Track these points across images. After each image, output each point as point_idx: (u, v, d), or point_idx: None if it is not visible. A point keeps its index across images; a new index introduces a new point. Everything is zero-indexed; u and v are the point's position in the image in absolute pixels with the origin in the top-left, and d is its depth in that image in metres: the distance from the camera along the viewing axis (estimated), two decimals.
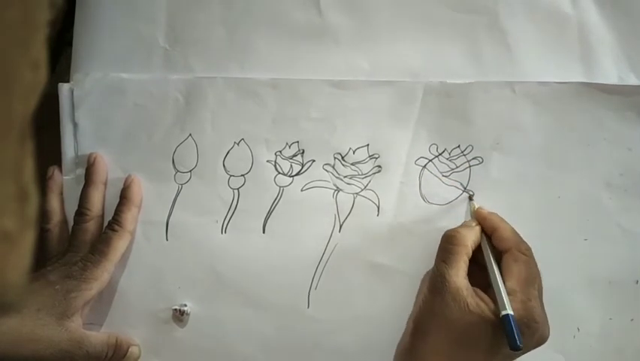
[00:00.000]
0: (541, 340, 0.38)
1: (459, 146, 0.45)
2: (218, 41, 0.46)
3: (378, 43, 0.46)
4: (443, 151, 0.45)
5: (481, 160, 0.45)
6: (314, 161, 0.45)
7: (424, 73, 0.45)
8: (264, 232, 0.44)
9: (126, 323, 0.44)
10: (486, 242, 0.41)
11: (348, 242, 0.44)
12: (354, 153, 0.45)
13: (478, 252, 0.41)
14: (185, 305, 0.43)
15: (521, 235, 0.41)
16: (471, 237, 0.40)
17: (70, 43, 0.47)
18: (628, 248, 0.44)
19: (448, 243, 0.40)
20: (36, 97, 0.21)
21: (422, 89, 0.45)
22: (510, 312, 0.36)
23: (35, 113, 0.21)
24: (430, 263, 0.43)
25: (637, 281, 0.44)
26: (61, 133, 0.45)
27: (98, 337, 0.42)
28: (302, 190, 0.45)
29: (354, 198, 0.44)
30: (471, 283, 0.39)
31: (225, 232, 0.44)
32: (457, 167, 0.45)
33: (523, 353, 0.38)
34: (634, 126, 0.45)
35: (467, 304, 0.37)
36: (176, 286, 0.44)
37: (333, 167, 0.45)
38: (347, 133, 0.45)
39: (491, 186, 0.44)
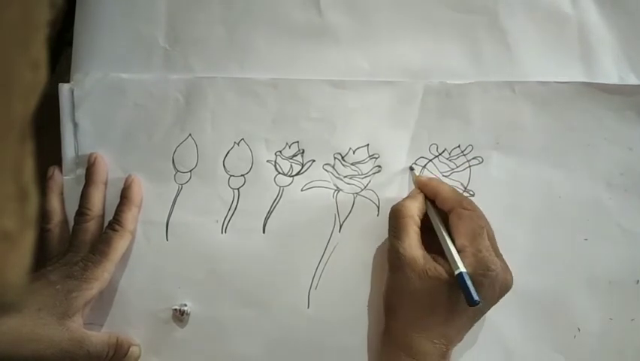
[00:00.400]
0: (504, 287, 0.39)
1: (459, 146, 0.45)
2: (218, 41, 0.46)
3: (378, 43, 0.46)
4: (443, 151, 0.45)
5: (481, 160, 0.45)
6: (314, 161, 0.45)
7: (424, 73, 0.45)
8: (264, 232, 0.44)
9: (126, 323, 0.44)
10: (431, 207, 0.41)
11: (348, 242, 0.44)
12: (354, 153, 0.45)
13: (427, 219, 0.41)
14: (185, 305, 0.43)
15: (521, 234, 0.41)
16: (416, 206, 0.41)
17: (70, 44, 0.47)
18: (628, 248, 0.44)
19: (395, 217, 0.40)
20: (36, 97, 0.21)
21: (422, 89, 0.45)
22: (462, 270, 0.37)
23: (35, 113, 0.21)
24: None
25: (637, 281, 0.44)
26: (62, 133, 0.45)
27: (98, 337, 0.42)
28: (302, 190, 0.45)
29: (354, 198, 0.44)
30: (429, 251, 0.39)
31: (225, 232, 0.44)
32: (457, 167, 0.45)
33: (491, 305, 0.39)
34: (634, 126, 0.45)
35: (425, 271, 0.38)
36: (176, 286, 0.44)
37: (333, 167, 0.45)
38: (347, 133, 0.45)
39: (491, 186, 0.44)
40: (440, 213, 0.41)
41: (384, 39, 0.46)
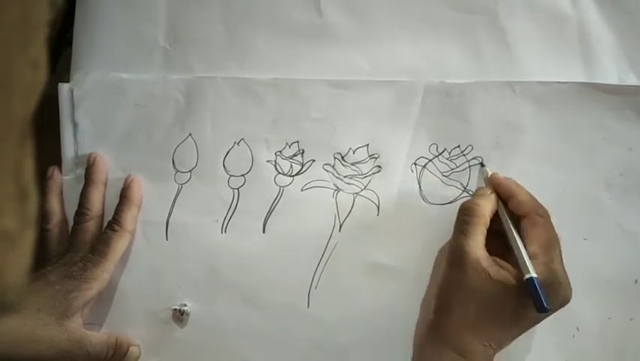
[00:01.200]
0: (564, 301, 0.38)
1: (459, 146, 0.45)
2: (218, 41, 0.46)
3: (378, 43, 0.46)
4: (443, 151, 0.45)
5: (480, 160, 0.45)
6: (314, 161, 0.45)
7: (424, 73, 0.45)
8: (264, 232, 0.44)
9: (126, 323, 0.44)
10: (503, 209, 0.40)
11: (348, 242, 0.44)
12: (354, 152, 0.45)
13: (493, 220, 0.41)
14: (185, 305, 0.43)
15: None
16: (488, 206, 0.40)
17: (70, 44, 0.47)
18: (628, 248, 0.44)
19: (466, 215, 0.40)
20: (36, 97, 0.21)
21: (422, 89, 0.45)
22: (534, 275, 0.36)
23: (35, 113, 0.21)
24: (429, 262, 0.43)
25: (636, 281, 0.44)
26: (61, 133, 0.45)
27: (98, 337, 0.42)
28: (302, 190, 0.45)
29: (354, 198, 0.44)
30: (488, 252, 0.39)
31: (225, 231, 0.44)
32: (457, 167, 0.45)
33: (549, 315, 0.39)
34: (634, 126, 0.45)
35: (488, 273, 0.37)
36: (176, 286, 0.44)
37: (333, 167, 0.45)
38: (347, 133, 0.45)
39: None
40: (511, 217, 0.40)
41: (384, 39, 0.46)
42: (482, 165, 0.44)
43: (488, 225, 0.40)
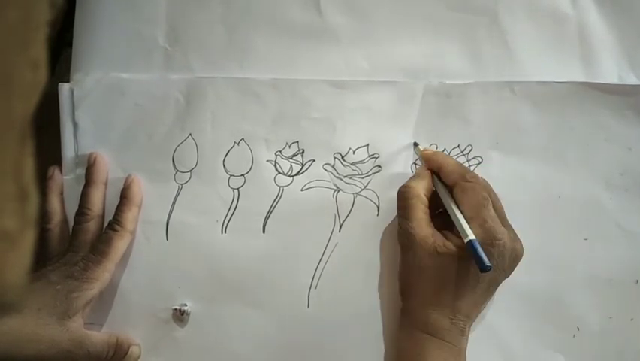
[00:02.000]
0: (514, 256, 0.39)
1: (458, 146, 0.45)
2: (218, 41, 0.46)
3: (378, 43, 0.46)
4: (443, 151, 0.45)
5: (480, 160, 0.45)
6: (314, 161, 0.45)
7: (424, 73, 0.45)
8: (264, 232, 0.44)
9: (126, 323, 0.44)
10: (437, 181, 0.41)
11: (348, 242, 0.44)
12: (354, 152, 0.45)
13: (436, 198, 0.41)
14: (185, 305, 0.43)
15: (521, 234, 0.40)
16: (422, 185, 0.41)
17: (70, 44, 0.47)
18: (628, 248, 0.44)
19: (403, 198, 0.41)
20: (36, 97, 0.21)
21: (422, 90, 0.45)
22: (472, 237, 0.37)
23: (35, 113, 0.21)
24: None
25: (637, 281, 0.44)
26: (61, 133, 0.45)
27: (98, 337, 0.42)
28: (302, 190, 0.45)
29: (354, 198, 0.44)
30: (438, 229, 0.39)
31: (225, 231, 0.44)
32: None
33: (504, 276, 0.39)
34: (634, 126, 0.45)
35: (435, 248, 0.38)
36: (176, 286, 0.44)
37: (333, 167, 0.45)
38: (347, 133, 0.45)
39: (491, 185, 0.44)
40: (445, 188, 0.41)
41: (384, 39, 0.46)
42: (415, 144, 0.44)
43: (427, 202, 0.41)
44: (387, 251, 0.44)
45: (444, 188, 0.41)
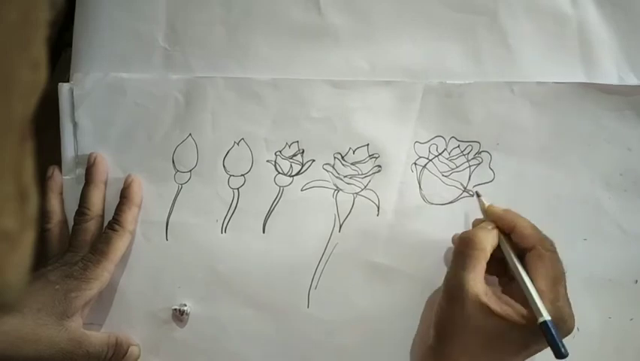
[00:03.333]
0: (566, 334, 0.37)
1: (459, 146, 0.45)
2: (218, 41, 0.46)
3: (378, 43, 0.46)
4: (443, 151, 0.45)
5: (480, 160, 0.45)
6: (314, 161, 0.45)
7: (424, 73, 0.45)
8: (264, 232, 0.44)
9: (126, 323, 0.44)
10: (506, 243, 0.39)
11: (348, 242, 0.44)
12: (354, 152, 0.45)
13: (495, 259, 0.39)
14: (185, 305, 0.43)
15: None
16: (489, 240, 0.38)
17: (70, 44, 0.47)
18: (627, 248, 0.44)
19: (466, 247, 0.38)
20: (36, 97, 0.21)
21: (422, 89, 0.45)
22: (547, 318, 0.35)
23: (35, 113, 0.21)
24: (429, 262, 0.43)
25: (636, 281, 0.44)
26: (61, 133, 0.45)
27: (98, 337, 0.42)
28: (302, 190, 0.45)
29: (354, 198, 0.44)
30: (485, 277, 0.38)
31: (225, 231, 0.44)
32: (456, 167, 0.45)
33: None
34: (634, 126, 0.45)
35: (490, 309, 0.36)
36: (176, 286, 0.44)
37: (333, 167, 0.45)
38: (347, 133, 0.45)
39: (491, 186, 0.44)
40: (514, 250, 0.39)
41: (384, 39, 0.46)
42: (478, 194, 0.42)
43: (488, 258, 0.38)
44: (387, 251, 0.44)
45: (512, 252, 0.38)
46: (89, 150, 0.45)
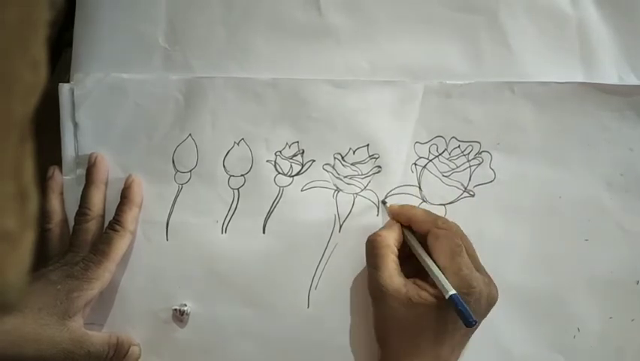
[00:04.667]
0: (490, 300, 0.39)
1: (459, 146, 0.45)
2: (218, 41, 0.46)
3: (378, 43, 0.46)
4: (443, 151, 0.45)
5: (481, 160, 0.45)
6: (314, 161, 0.45)
7: (424, 73, 0.45)
8: (264, 232, 0.44)
9: (127, 323, 0.44)
10: (408, 233, 0.41)
11: (348, 242, 0.44)
12: (354, 153, 0.45)
13: (405, 247, 0.41)
14: (185, 305, 0.43)
15: (522, 234, 0.41)
16: (392, 235, 0.41)
17: (70, 44, 0.47)
18: (628, 248, 0.44)
19: (373, 248, 0.40)
20: (36, 97, 0.21)
21: (422, 89, 0.45)
22: (453, 291, 0.36)
23: (35, 113, 0.21)
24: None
25: (637, 281, 0.44)
26: (62, 133, 0.45)
27: (99, 336, 0.42)
28: (302, 190, 0.45)
29: (354, 198, 0.44)
30: (409, 275, 0.39)
31: (225, 231, 0.44)
32: (457, 167, 0.45)
33: (481, 320, 0.39)
34: (634, 126, 0.45)
35: (409, 298, 0.38)
36: (176, 286, 0.44)
37: (333, 167, 0.45)
38: (347, 133, 0.45)
39: (491, 186, 0.44)
40: (419, 239, 0.41)
41: (384, 39, 0.46)
42: (384, 202, 0.44)
43: (397, 252, 0.40)
44: None
45: (415, 239, 0.41)
46: (89, 150, 0.45)
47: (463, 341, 0.39)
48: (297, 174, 0.45)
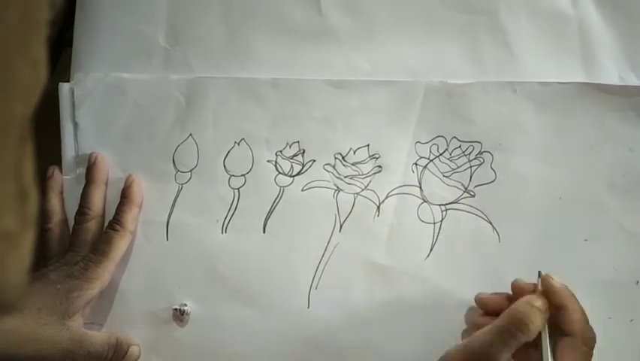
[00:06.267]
0: None
1: (460, 146, 0.45)
2: (218, 41, 0.46)
3: (378, 43, 0.46)
4: (444, 151, 0.45)
5: (482, 160, 0.44)
6: (314, 161, 0.45)
7: (425, 73, 0.45)
8: (264, 232, 0.44)
9: (126, 323, 0.44)
10: (546, 327, 0.37)
11: (348, 242, 0.44)
12: (354, 153, 0.45)
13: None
14: (185, 305, 0.43)
15: (522, 235, 0.40)
16: (539, 324, 0.36)
17: (70, 44, 0.47)
18: (629, 249, 0.44)
19: (516, 328, 0.36)
20: (36, 97, 0.21)
21: (423, 89, 0.45)
22: None
23: (35, 113, 0.21)
24: (430, 263, 0.43)
25: (637, 282, 0.44)
26: (62, 133, 0.45)
27: (98, 336, 0.42)
28: (302, 190, 0.45)
29: (355, 198, 0.44)
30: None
31: (225, 231, 0.44)
32: (457, 167, 0.45)
33: None
34: (635, 127, 0.45)
35: None
36: (176, 286, 0.44)
37: (333, 167, 0.45)
38: (347, 133, 0.45)
39: (492, 186, 0.44)
40: (551, 330, 0.37)
41: (384, 39, 0.46)
42: (539, 275, 0.39)
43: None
44: (387, 251, 0.43)
45: (549, 338, 0.37)
46: (89, 149, 0.45)
47: None
48: (298, 173, 0.45)
